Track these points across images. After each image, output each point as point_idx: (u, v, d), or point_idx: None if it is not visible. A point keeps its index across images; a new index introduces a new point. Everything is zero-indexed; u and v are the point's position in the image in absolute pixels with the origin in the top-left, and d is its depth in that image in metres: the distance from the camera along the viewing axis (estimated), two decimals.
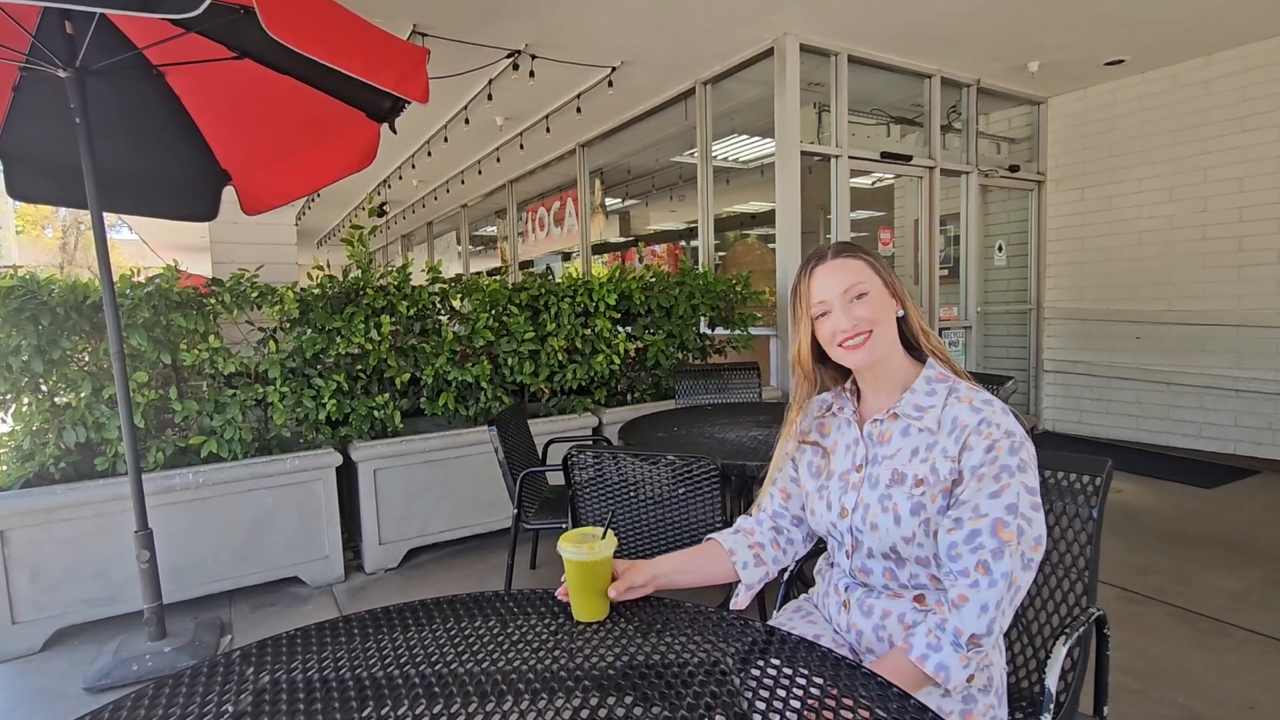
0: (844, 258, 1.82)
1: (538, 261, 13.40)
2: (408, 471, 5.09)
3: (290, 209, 5.94)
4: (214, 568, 4.49)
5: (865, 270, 1.80)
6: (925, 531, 1.71)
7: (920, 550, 1.73)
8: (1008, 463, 1.65)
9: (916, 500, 1.71)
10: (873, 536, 1.78)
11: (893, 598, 1.80)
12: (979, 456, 1.66)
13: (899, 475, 1.76)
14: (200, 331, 4.53)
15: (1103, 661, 2.03)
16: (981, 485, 1.65)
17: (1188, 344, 7.55)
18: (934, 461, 1.72)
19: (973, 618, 1.60)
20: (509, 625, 1.62)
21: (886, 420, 1.83)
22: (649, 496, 3.03)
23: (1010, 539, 1.61)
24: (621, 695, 1.33)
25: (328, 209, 15.68)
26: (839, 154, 6.96)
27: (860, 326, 1.78)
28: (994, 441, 1.66)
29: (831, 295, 1.80)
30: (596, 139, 10.02)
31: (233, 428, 4.54)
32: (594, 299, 5.83)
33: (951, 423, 1.72)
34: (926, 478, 1.72)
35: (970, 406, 1.72)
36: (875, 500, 1.78)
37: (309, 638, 1.60)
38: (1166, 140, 7.57)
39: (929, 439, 1.75)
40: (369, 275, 5.04)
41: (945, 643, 1.60)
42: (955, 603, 1.63)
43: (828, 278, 1.81)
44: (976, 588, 1.61)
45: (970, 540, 1.63)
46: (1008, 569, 1.61)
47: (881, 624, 1.79)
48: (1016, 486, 1.64)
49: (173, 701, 1.36)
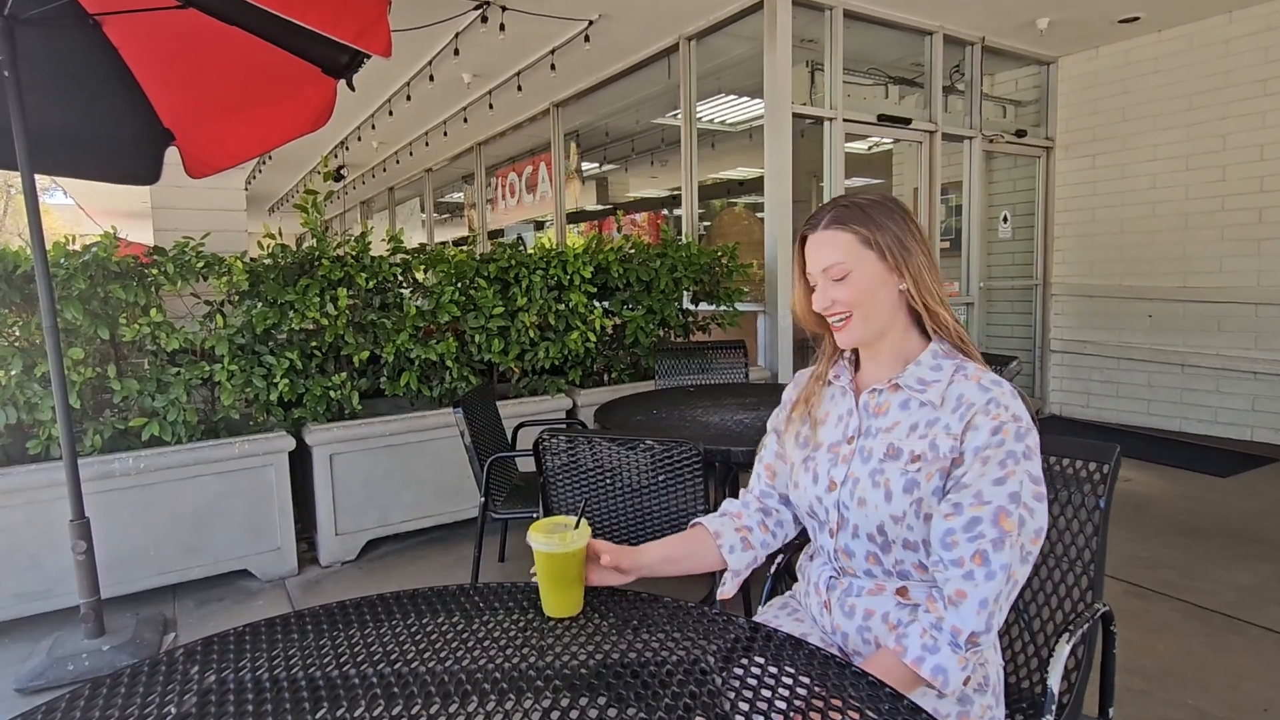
0: (834, 229, 1.79)
1: (508, 231, 13.33)
2: (367, 457, 5.08)
3: (239, 172, 5.89)
4: (156, 560, 4.47)
5: (853, 247, 1.77)
6: (916, 512, 1.71)
7: (909, 533, 1.72)
8: (1014, 448, 1.65)
9: (911, 477, 1.71)
10: (860, 513, 1.77)
11: (874, 594, 1.80)
12: (984, 438, 1.66)
13: (894, 450, 1.76)
14: (141, 304, 4.50)
15: (1108, 660, 2.04)
16: (986, 470, 1.65)
17: (1203, 323, 7.62)
18: (934, 438, 1.71)
19: (971, 614, 1.60)
20: (474, 621, 1.63)
21: (886, 391, 1.82)
22: (627, 484, 3.03)
23: (1011, 529, 1.62)
24: (595, 696, 1.34)
25: (280, 172, 15.56)
26: (833, 116, 6.96)
27: (835, 309, 1.80)
28: (1001, 424, 1.66)
29: (814, 269, 1.82)
30: (572, 99, 9.96)
31: (177, 409, 4.51)
32: (568, 271, 5.82)
33: (957, 400, 1.72)
34: (924, 454, 1.71)
35: (978, 385, 1.71)
36: (866, 475, 1.78)
37: (258, 635, 1.60)
38: (1183, 104, 7.61)
39: (930, 414, 1.74)
40: (325, 245, 5.01)
41: (943, 643, 1.60)
42: (952, 599, 1.62)
43: (813, 251, 1.82)
44: (973, 580, 1.61)
45: (970, 528, 1.63)
46: (1007, 561, 1.61)
47: (865, 625, 1.79)
48: (1021, 474, 1.64)
49: (110, 703, 1.35)
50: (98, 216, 18.44)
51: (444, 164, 14.55)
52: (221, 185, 5.77)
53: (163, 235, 5.51)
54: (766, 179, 6.81)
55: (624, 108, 10.07)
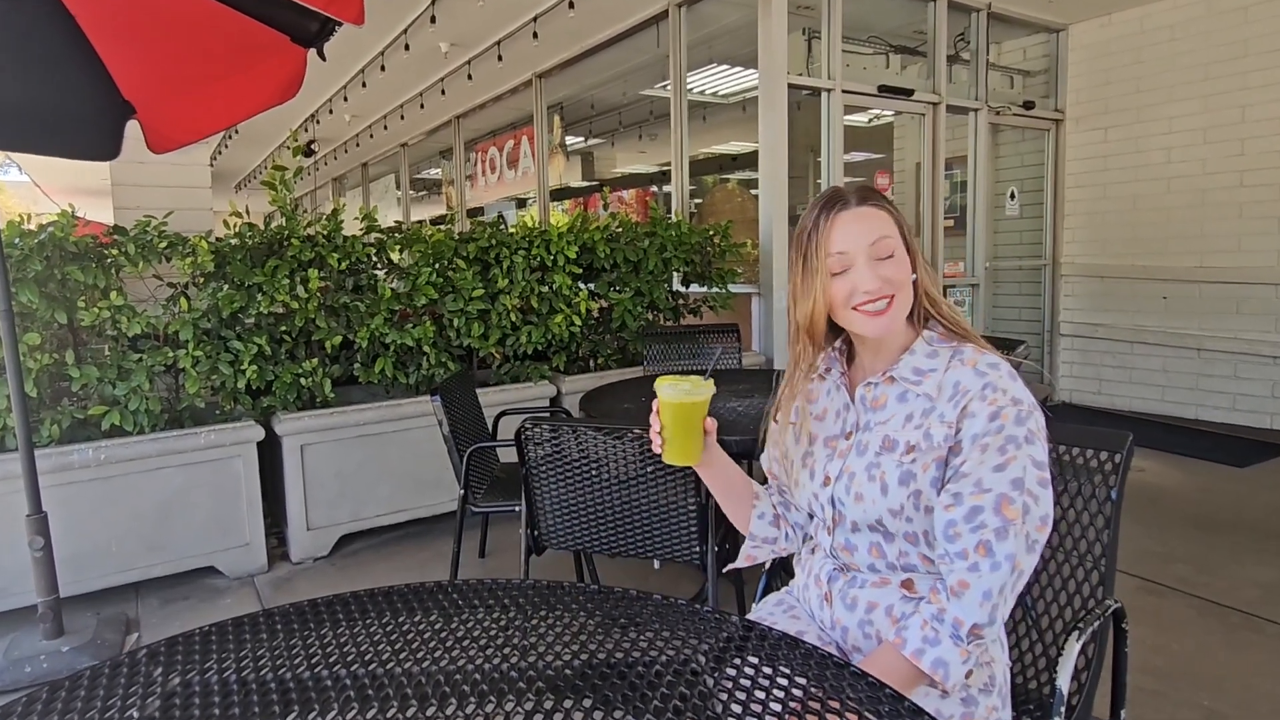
0: (871, 205, 1.78)
1: (488, 209, 13.31)
2: (340, 447, 5.08)
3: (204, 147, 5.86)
4: (118, 556, 4.47)
5: (891, 225, 1.78)
6: (915, 505, 1.72)
7: (909, 525, 1.74)
8: (1014, 433, 1.66)
9: (906, 469, 1.73)
10: (856, 508, 1.79)
11: (878, 585, 1.82)
12: (981, 424, 1.67)
13: (890, 442, 1.77)
14: (101, 287, 4.48)
15: (1120, 660, 2.04)
16: (985, 457, 1.66)
17: (1221, 305, 7.63)
18: (929, 427, 1.73)
19: (974, 606, 1.61)
20: (453, 620, 1.63)
21: (881, 384, 1.84)
22: (614, 476, 3.04)
23: (1015, 517, 1.62)
24: (579, 698, 1.34)
25: (247, 148, 15.44)
26: (831, 87, 6.95)
27: (885, 290, 1.75)
28: (999, 409, 1.67)
29: (855, 248, 1.76)
30: (555, 69, 9.91)
31: (139, 397, 4.51)
32: (552, 251, 5.81)
33: (953, 387, 1.73)
34: (919, 444, 1.73)
35: (974, 370, 1.72)
36: (862, 469, 1.80)
37: (226, 634, 1.60)
38: (1200, 74, 7.61)
39: (926, 404, 1.76)
40: (295, 224, 5.00)
41: (944, 635, 1.61)
42: (955, 590, 1.64)
43: (853, 227, 1.77)
44: (977, 572, 1.62)
45: (971, 518, 1.64)
46: (1011, 550, 1.62)
47: (867, 618, 1.80)
48: (1023, 459, 1.65)
49: (69, 706, 1.35)
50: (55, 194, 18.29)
51: (420, 138, 14.47)
52: (185, 161, 5.73)
53: (123, 214, 5.48)
54: (761, 154, 6.80)
55: (610, 78, 10.05)
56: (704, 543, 2.99)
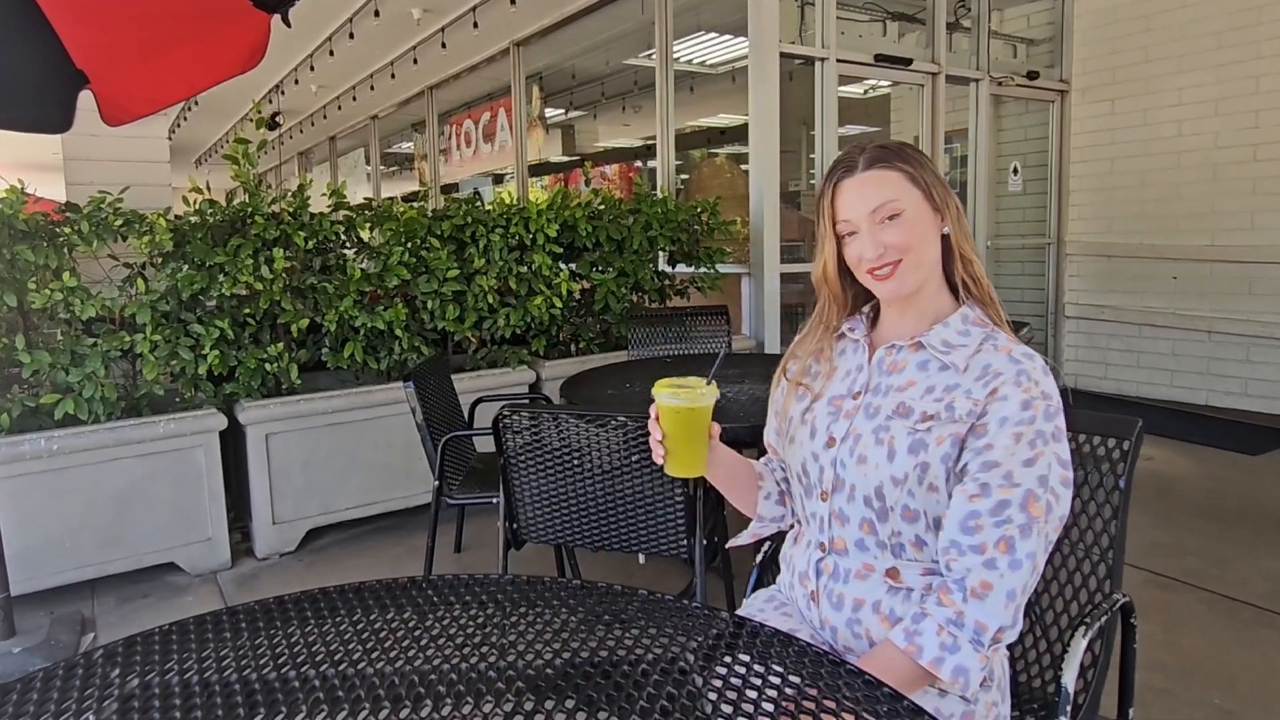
0: (878, 169, 1.79)
1: (463, 185, 13.28)
2: (307, 436, 5.08)
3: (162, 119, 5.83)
4: (73, 552, 4.46)
5: (901, 184, 1.78)
6: (919, 478, 1.71)
7: (910, 499, 1.73)
8: (1044, 429, 1.66)
9: (919, 437, 1.73)
10: (858, 472, 1.79)
11: (862, 578, 1.81)
12: (1014, 410, 1.67)
13: (905, 408, 1.77)
14: (53, 268, 4.46)
15: (1128, 656, 2.04)
16: (1017, 449, 1.65)
17: (1233, 285, 7.64)
18: (951, 400, 1.73)
19: (999, 608, 1.61)
20: (428, 618, 1.63)
21: (906, 348, 1.84)
22: (597, 466, 3.04)
23: (1039, 515, 1.63)
24: (562, 699, 1.34)
25: (208, 120, 15.38)
26: (825, 56, 6.94)
27: (888, 256, 1.77)
28: (1031, 399, 1.67)
29: (858, 215, 1.79)
30: (534, 37, 9.89)
31: (94, 384, 4.48)
32: (531, 230, 5.80)
33: (983, 368, 1.73)
34: (939, 414, 1.73)
35: (1009, 356, 1.73)
36: (869, 431, 1.79)
37: (187, 634, 1.59)
38: (1212, 43, 7.61)
39: (951, 378, 1.76)
40: (258, 200, 4.96)
41: (963, 641, 1.60)
42: (976, 591, 1.62)
43: (855, 194, 1.80)
44: (996, 570, 1.61)
45: (998, 511, 1.63)
46: (1032, 549, 1.62)
47: (855, 617, 1.80)
48: (1050, 457, 1.66)
49: (21, 710, 1.34)
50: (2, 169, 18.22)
51: (391, 110, 14.43)
52: (142, 134, 5.69)
53: (76, 190, 5.44)
54: (751, 126, 6.81)
55: (592, 47, 10.03)
56: (692, 535, 2.99)
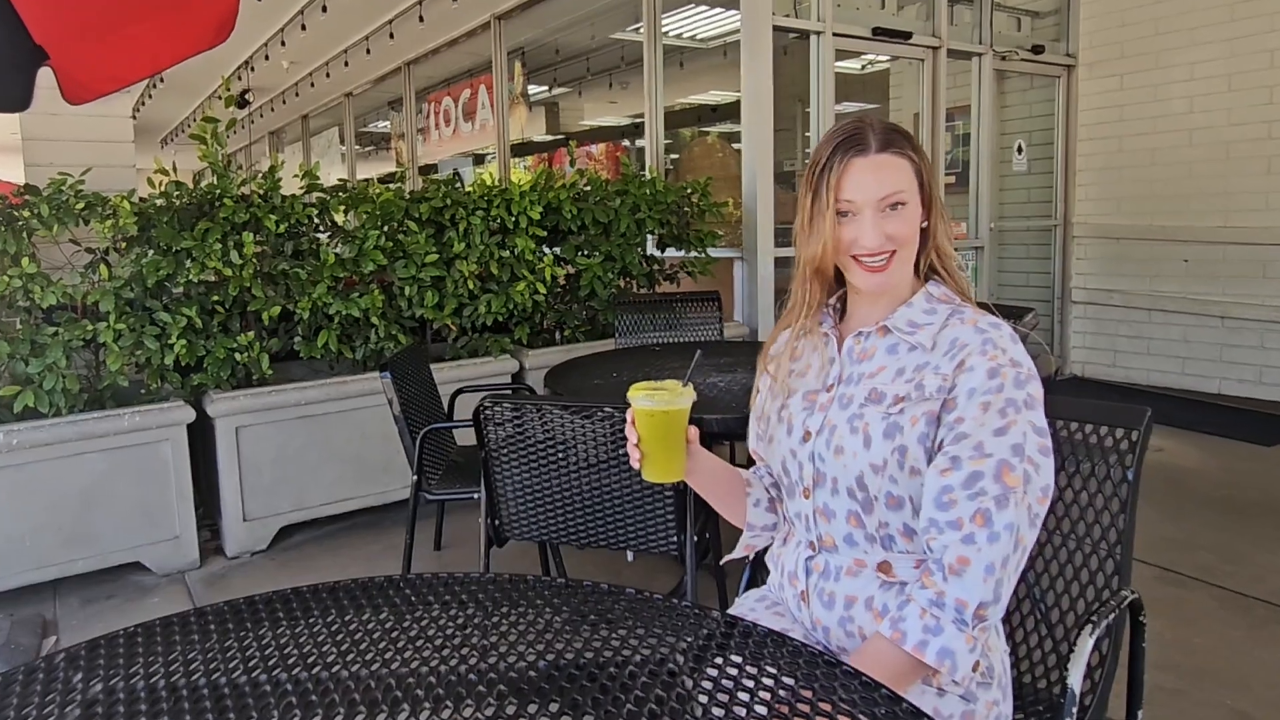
0: (891, 153, 1.78)
1: (442, 165, 13.27)
2: (279, 429, 5.08)
3: (126, 97, 5.80)
4: (33, 552, 4.45)
5: (908, 175, 1.79)
6: (899, 463, 1.73)
7: (892, 486, 1.75)
8: (1014, 396, 1.68)
9: (893, 420, 1.75)
10: (836, 463, 1.80)
11: (853, 574, 1.82)
12: (980, 379, 1.69)
13: (877, 394, 1.80)
14: (11, 253, 4.44)
15: (1137, 656, 2.03)
16: (985, 418, 1.67)
17: (1247, 268, 7.63)
18: (921, 379, 1.75)
19: (977, 583, 1.61)
20: (406, 619, 1.63)
21: (874, 335, 1.86)
22: (582, 459, 3.05)
23: (1016, 485, 1.64)
24: (545, 702, 1.34)
25: (174, 98, 15.33)
26: (821, 30, 6.95)
27: (887, 246, 1.77)
28: (999, 366, 1.69)
29: (865, 199, 1.77)
30: (516, 10, 9.88)
31: (55, 375, 4.47)
32: (513, 212, 5.79)
33: (950, 343, 1.76)
34: (909, 395, 1.75)
35: (975, 327, 1.76)
36: (844, 421, 1.81)
37: (153, 636, 1.59)
38: (1225, 15, 7.60)
39: (920, 358, 1.78)
40: (227, 182, 4.95)
41: (946, 621, 1.61)
42: (953, 568, 1.63)
43: (868, 176, 1.77)
44: (974, 544, 1.62)
45: (970, 484, 1.65)
46: (1011, 520, 1.62)
47: (847, 615, 1.81)
48: (1023, 425, 1.67)
49: None
50: None
51: (367, 87, 14.40)
52: (104, 113, 5.66)
53: (35, 171, 5.41)
54: (744, 104, 6.80)
55: (578, 20, 10.01)
56: (682, 532, 3.00)
